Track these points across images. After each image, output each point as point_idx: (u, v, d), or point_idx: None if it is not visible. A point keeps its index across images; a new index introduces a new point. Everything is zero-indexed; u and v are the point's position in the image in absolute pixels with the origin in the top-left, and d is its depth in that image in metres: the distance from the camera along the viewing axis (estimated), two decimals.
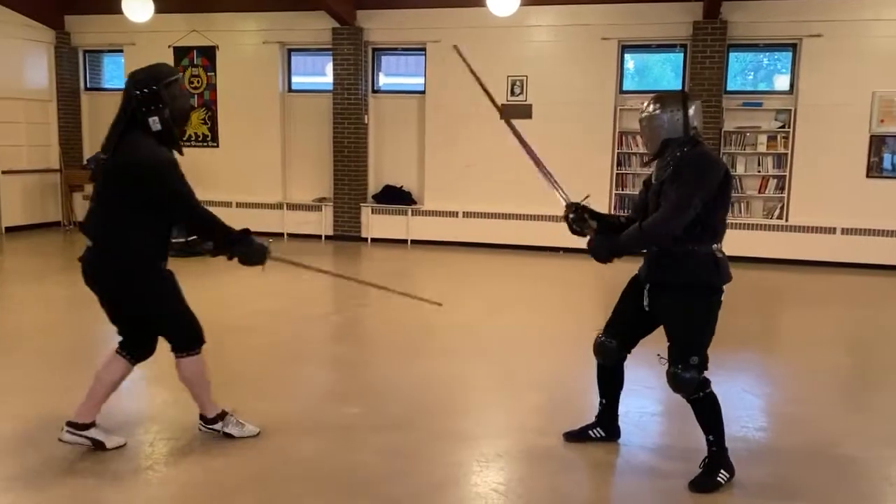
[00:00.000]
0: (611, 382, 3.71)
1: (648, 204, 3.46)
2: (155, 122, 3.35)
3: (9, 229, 10.51)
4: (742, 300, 7.69)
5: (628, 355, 3.63)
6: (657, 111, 3.39)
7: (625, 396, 3.75)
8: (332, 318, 6.62)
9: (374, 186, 10.84)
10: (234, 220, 10.01)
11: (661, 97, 3.46)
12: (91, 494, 3.21)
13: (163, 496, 3.21)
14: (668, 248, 3.29)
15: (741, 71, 10.13)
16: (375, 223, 10.70)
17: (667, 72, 10.41)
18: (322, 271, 4.36)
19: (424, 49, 10.37)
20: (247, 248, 3.68)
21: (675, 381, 3.31)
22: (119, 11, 9.49)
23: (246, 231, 3.66)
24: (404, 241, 10.57)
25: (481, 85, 3.97)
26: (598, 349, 3.63)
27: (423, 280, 8.63)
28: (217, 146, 11.17)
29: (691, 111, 3.37)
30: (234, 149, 11.12)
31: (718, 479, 3.32)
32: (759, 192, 9.63)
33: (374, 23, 10.44)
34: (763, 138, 9.55)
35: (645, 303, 3.42)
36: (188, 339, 3.59)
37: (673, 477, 3.42)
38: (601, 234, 3.45)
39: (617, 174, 9.94)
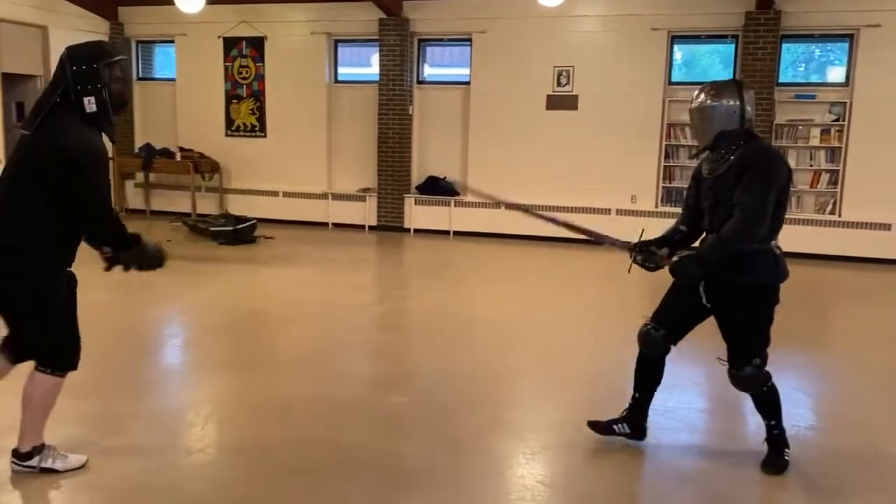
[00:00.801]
0: (649, 375, 3.56)
1: (700, 199, 3.35)
2: (90, 103, 2.98)
3: None
4: (793, 297, 7.50)
5: (673, 348, 3.50)
6: (712, 101, 3.26)
7: (671, 392, 3.72)
8: (375, 309, 6.67)
9: (417, 177, 10.88)
10: (281, 209, 10.31)
11: (716, 86, 3.33)
12: (162, 478, 3.30)
13: (210, 479, 3.28)
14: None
15: (792, 62, 9.89)
16: (418, 214, 10.73)
17: (715, 63, 10.21)
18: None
19: (470, 39, 10.35)
20: (144, 253, 3.18)
21: (740, 382, 3.28)
22: (171, 2, 9.66)
23: (137, 236, 3.21)
24: (447, 232, 10.59)
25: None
26: (643, 338, 3.49)
27: (466, 271, 8.64)
28: (264, 136, 11.31)
29: (747, 101, 3.24)
30: (281, 139, 11.26)
31: (786, 457, 3.38)
32: (811, 187, 9.40)
33: (420, 13, 10.45)
34: (816, 131, 9.31)
35: (703, 299, 3.30)
36: (60, 357, 3.11)
37: (719, 477, 3.39)
38: (679, 259, 3.30)
39: (665, 167, 9.81)
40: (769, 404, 3.35)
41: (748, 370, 3.23)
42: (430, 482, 3.25)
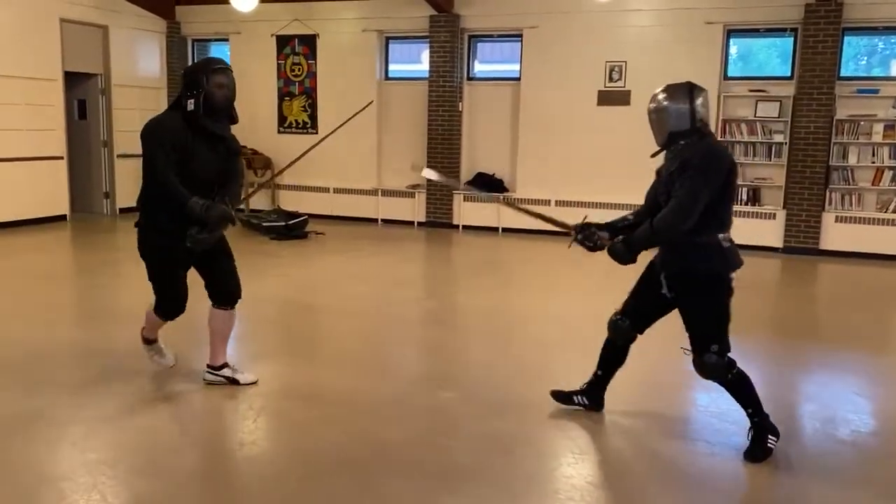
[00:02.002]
0: (613, 359, 3.91)
1: (658, 195, 3.57)
2: (190, 104, 3.76)
3: (122, 210, 11.11)
4: (852, 297, 7.31)
5: (639, 336, 3.79)
6: (664, 103, 3.47)
7: (722, 393, 3.63)
8: (425, 304, 6.69)
9: (466, 173, 10.88)
10: (331, 205, 10.35)
11: (669, 89, 3.50)
12: (215, 469, 3.37)
13: (262, 473, 3.33)
14: (677, 239, 3.42)
15: (854, 56, 9.58)
16: (467, 210, 10.73)
17: (772, 57, 9.96)
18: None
19: (521, 35, 10.30)
20: (213, 212, 3.74)
21: (703, 369, 3.46)
22: (226, 1, 9.83)
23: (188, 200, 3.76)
24: (495, 229, 10.57)
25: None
26: (611, 327, 3.83)
27: (515, 268, 8.61)
28: (316, 132, 11.45)
29: (698, 103, 3.42)
30: (333, 135, 11.34)
31: (769, 445, 3.44)
32: (873, 185, 9.10)
33: (471, 10, 10.44)
34: (879, 127, 9.00)
35: (664, 290, 3.58)
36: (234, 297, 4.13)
37: (780, 484, 3.30)
38: (613, 242, 3.64)
39: None
40: (740, 390, 3.49)
41: (709, 357, 3.41)
42: (478, 479, 3.25)
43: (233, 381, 4.18)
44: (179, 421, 3.85)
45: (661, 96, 3.49)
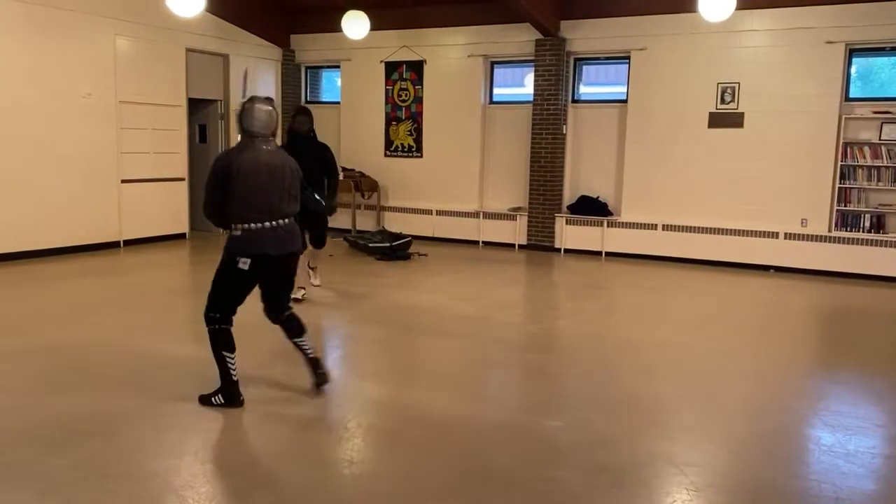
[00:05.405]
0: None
1: None
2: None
3: None
4: None
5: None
6: None
7: (852, 434, 3.41)
8: (528, 328, 6.65)
9: (569, 197, 10.79)
10: (433, 227, 10.62)
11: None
12: (324, 488, 3.46)
13: (368, 493, 3.38)
14: None
15: None
16: (570, 233, 10.62)
17: None
18: None
19: (628, 57, 10.17)
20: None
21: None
22: (338, 30, 10.23)
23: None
24: (598, 253, 10.41)
25: None
26: None
27: (619, 293, 8.44)
28: (421, 156, 11.66)
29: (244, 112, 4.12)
30: (436, 159, 11.56)
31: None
32: None
33: (577, 33, 10.40)
34: None
35: None
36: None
37: None
38: None
39: (840, 188, 9.12)
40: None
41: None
42: None
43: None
44: (290, 437, 3.96)
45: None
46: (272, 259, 4.14)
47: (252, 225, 4.07)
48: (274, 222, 4.12)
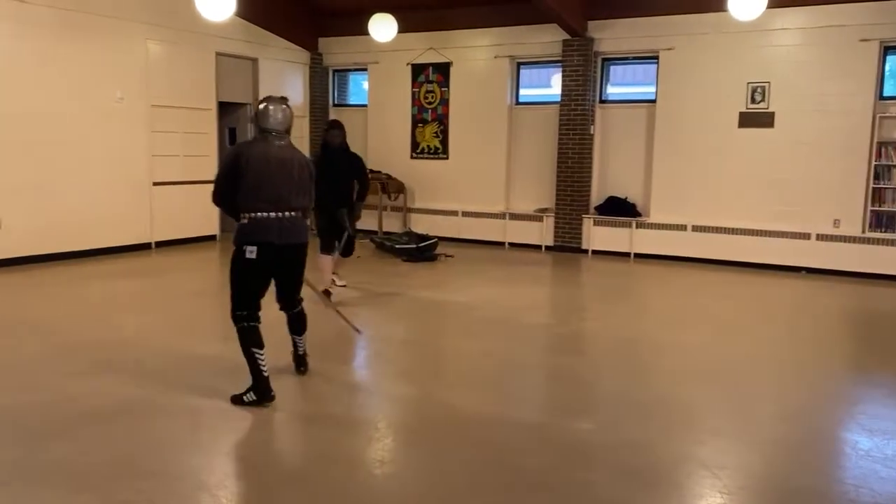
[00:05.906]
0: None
1: None
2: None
3: None
4: None
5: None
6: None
7: (891, 439, 3.35)
8: (556, 330, 6.62)
9: (597, 197, 10.73)
10: (459, 228, 10.62)
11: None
12: (357, 489, 3.48)
13: (400, 493, 3.39)
14: None
15: None
16: (597, 235, 10.57)
17: None
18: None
19: (657, 57, 10.09)
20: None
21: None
22: (365, 33, 10.28)
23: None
24: (626, 255, 10.34)
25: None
26: None
27: (648, 295, 8.38)
28: (447, 158, 11.67)
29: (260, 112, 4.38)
30: (463, 160, 11.56)
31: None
32: None
33: (604, 33, 10.35)
34: None
35: None
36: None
37: None
38: None
39: (874, 188, 8.97)
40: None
41: None
42: None
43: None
44: (320, 436, 3.98)
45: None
46: (278, 249, 4.21)
47: (259, 214, 4.17)
48: (280, 213, 4.21)
